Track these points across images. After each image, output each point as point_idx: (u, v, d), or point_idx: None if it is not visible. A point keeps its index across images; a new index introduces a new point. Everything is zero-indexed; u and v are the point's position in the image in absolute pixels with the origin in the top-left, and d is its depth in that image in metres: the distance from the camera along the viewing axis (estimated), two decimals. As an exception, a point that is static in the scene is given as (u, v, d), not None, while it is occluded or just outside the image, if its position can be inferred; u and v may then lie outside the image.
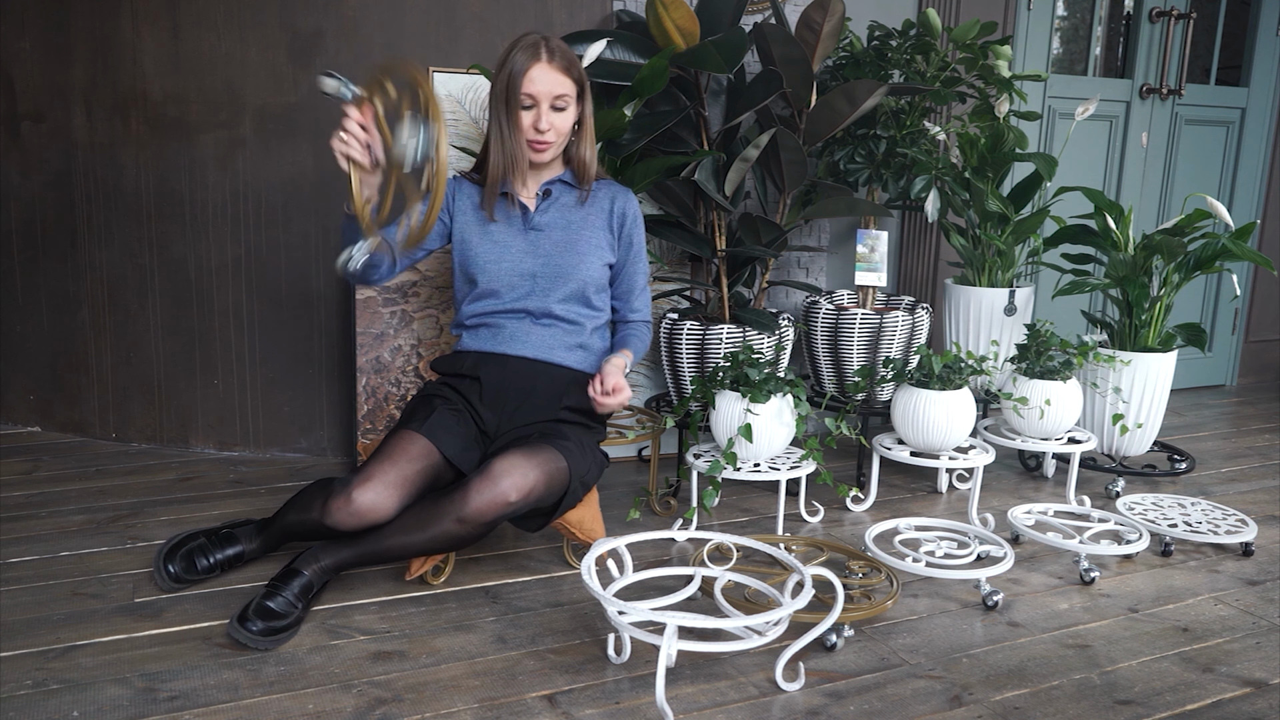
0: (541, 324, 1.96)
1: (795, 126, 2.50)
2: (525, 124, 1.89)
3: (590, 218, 2.00)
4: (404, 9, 2.52)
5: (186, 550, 1.86)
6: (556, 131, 1.90)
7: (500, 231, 1.96)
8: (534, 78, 1.85)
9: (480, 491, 1.70)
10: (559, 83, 1.87)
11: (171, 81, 2.54)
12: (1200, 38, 3.65)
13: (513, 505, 1.71)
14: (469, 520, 1.70)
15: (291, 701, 1.48)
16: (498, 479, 1.70)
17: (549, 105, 1.87)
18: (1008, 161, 2.64)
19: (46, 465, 2.58)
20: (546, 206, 1.98)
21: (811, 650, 1.67)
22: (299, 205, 2.58)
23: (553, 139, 1.90)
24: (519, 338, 1.95)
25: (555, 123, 1.89)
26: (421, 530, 1.73)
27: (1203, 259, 2.59)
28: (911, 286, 3.19)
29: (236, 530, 1.93)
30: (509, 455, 1.74)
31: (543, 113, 1.87)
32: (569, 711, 1.47)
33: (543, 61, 1.85)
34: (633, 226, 2.04)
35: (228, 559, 1.89)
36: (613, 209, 2.02)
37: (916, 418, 2.27)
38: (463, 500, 1.70)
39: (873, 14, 2.93)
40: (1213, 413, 3.52)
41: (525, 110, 1.88)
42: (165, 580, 1.83)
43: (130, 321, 2.70)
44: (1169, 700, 1.55)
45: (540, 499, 1.76)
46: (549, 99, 1.87)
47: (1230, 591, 1.98)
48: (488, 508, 1.70)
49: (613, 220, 2.02)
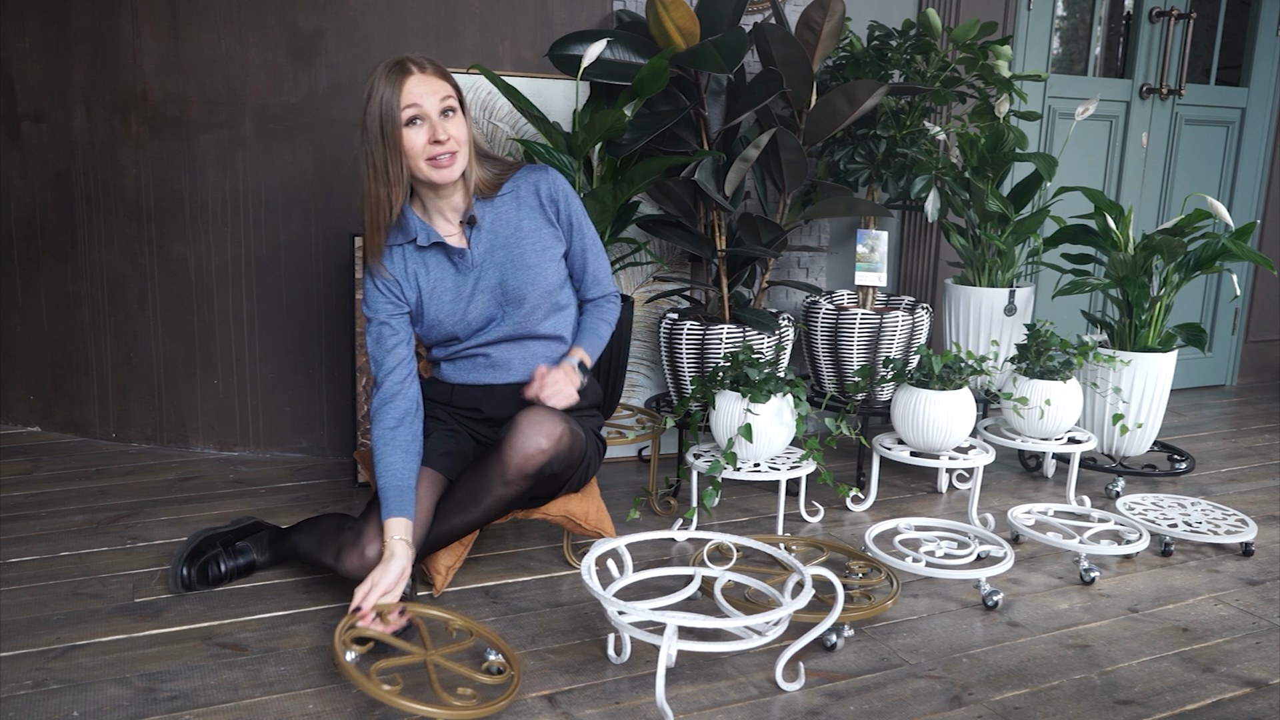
0: (521, 345, 1.88)
1: (795, 126, 2.50)
2: (417, 142, 1.67)
3: (524, 221, 1.83)
4: (404, 9, 2.52)
5: (204, 559, 1.86)
6: (456, 140, 1.70)
7: (444, 285, 1.81)
8: (411, 90, 1.65)
9: (514, 448, 1.71)
10: (439, 86, 1.68)
11: (171, 81, 2.54)
12: (1200, 38, 3.65)
13: (547, 452, 1.72)
14: (513, 480, 1.72)
15: (291, 701, 1.48)
16: (525, 431, 1.71)
17: (438, 113, 1.68)
18: (1008, 161, 2.64)
19: (46, 465, 2.58)
20: (477, 238, 1.81)
21: (811, 650, 1.67)
22: (299, 205, 2.58)
23: (454, 147, 1.70)
24: (501, 365, 1.88)
25: (452, 130, 1.69)
26: (475, 504, 1.75)
27: (1203, 259, 2.59)
28: (911, 286, 3.19)
29: (251, 540, 1.92)
30: (530, 411, 1.74)
31: (435, 123, 1.67)
32: (569, 711, 1.47)
33: (414, 74, 1.67)
34: (566, 204, 1.86)
35: (239, 568, 1.89)
36: (540, 197, 1.84)
37: (916, 418, 2.27)
38: (499, 463, 1.72)
39: (873, 14, 2.93)
40: (1213, 413, 3.52)
41: (410, 127, 1.67)
42: (177, 584, 1.83)
43: (130, 321, 2.70)
44: (1169, 700, 1.55)
45: (568, 452, 1.75)
46: (436, 107, 1.67)
47: (1230, 591, 1.98)
48: (526, 461, 1.71)
49: (546, 210, 1.85)
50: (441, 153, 1.68)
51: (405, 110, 1.66)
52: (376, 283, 1.79)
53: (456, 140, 1.70)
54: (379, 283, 1.79)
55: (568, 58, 2.33)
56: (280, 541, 1.91)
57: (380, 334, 1.80)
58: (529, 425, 1.72)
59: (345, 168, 2.57)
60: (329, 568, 1.75)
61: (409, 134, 1.67)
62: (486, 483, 1.74)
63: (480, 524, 1.80)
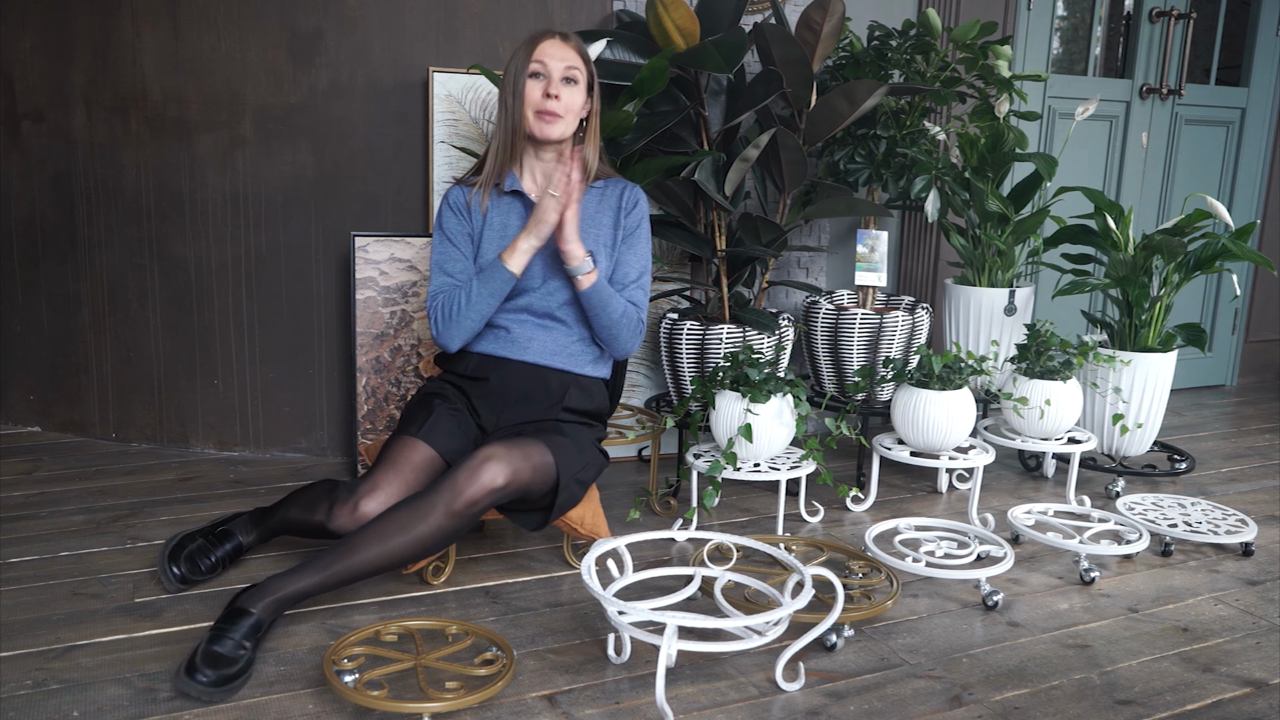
0: (543, 326, 1.94)
1: (795, 126, 2.50)
2: (534, 94, 1.83)
3: (599, 214, 1.96)
4: (404, 9, 2.52)
5: (189, 553, 1.86)
6: (566, 106, 1.84)
7: (507, 231, 1.93)
8: (545, 49, 1.83)
9: (469, 480, 1.68)
10: (570, 56, 1.85)
11: (171, 81, 2.54)
12: (1200, 38, 3.65)
13: (500, 490, 1.69)
14: (461, 513, 1.67)
15: (291, 701, 1.48)
16: (481, 466, 1.69)
17: (560, 76, 1.83)
18: (1008, 161, 2.64)
19: (46, 465, 2.58)
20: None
21: (811, 650, 1.67)
22: (299, 205, 2.58)
23: (562, 112, 1.84)
24: (521, 343, 1.94)
25: (565, 96, 1.84)
26: (404, 533, 1.64)
27: (1203, 259, 2.59)
28: (911, 286, 3.19)
29: (230, 525, 1.93)
30: (492, 444, 1.74)
31: (553, 81, 1.83)
32: (569, 711, 1.47)
33: (556, 39, 1.85)
34: (639, 216, 1.98)
35: (227, 554, 1.89)
36: (622, 200, 1.97)
37: (916, 418, 2.27)
38: (451, 491, 1.67)
39: (873, 14, 2.93)
40: (1213, 413, 3.52)
41: (533, 79, 1.84)
42: (172, 582, 1.83)
43: (130, 321, 2.70)
44: (1169, 700, 1.55)
45: (527, 486, 1.74)
46: (560, 70, 1.83)
47: (1230, 591, 1.98)
48: (478, 494, 1.68)
49: (620, 214, 1.96)
50: (547, 110, 1.83)
51: (533, 64, 1.83)
52: (469, 200, 1.94)
53: (567, 105, 1.84)
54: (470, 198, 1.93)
55: (568, 58, 2.33)
56: (265, 519, 1.92)
57: (448, 254, 1.93)
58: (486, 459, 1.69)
59: (345, 168, 2.57)
60: (318, 526, 1.75)
61: (530, 84, 1.84)
62: (427, 511, 1.66)
63: (397, 565, 1.67)
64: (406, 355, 2.54)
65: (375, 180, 2.58)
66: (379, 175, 2.58)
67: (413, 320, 2.53)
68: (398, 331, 2.52)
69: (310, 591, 1.60)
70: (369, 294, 2.50)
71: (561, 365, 1.94)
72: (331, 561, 1.61)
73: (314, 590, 1.61)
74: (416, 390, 2.10)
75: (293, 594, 1.59)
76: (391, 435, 1.89)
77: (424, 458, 1.81)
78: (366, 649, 1.54)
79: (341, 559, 1.61)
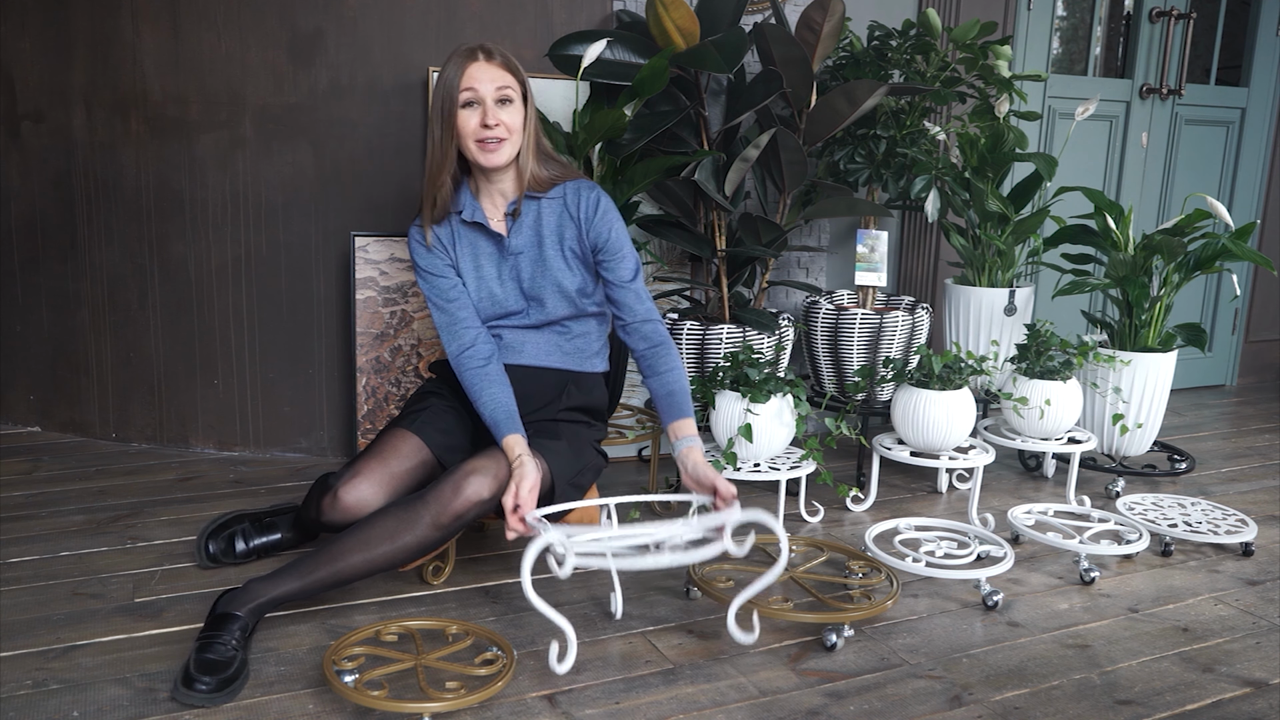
0: (539, 331, 1.93)
1: (795, 126, 2.50)
2: (470, 124, 1.75)
3: (563, 230, 1.87)
4: (404, 9, 2.52)
5: (229, 533, 1.88)
6: (507, 127, 1.76)
7: (480, 263, 1.88)
8: (472, 74, 1.74)
9: (454, 494, 1.67)
10: (500, 75, 1.75)
11: (171, 81, 2.54)
12: (1200, 38, 3.65)
13: (486, 502, 1.69)
14: (447, 525, 1.67)
15: (291, 701, 1.48)
16: (465, 479, 1.68)
17: (493, 100, 1.74)
18: (1008, 161, 2.64)
19: (46, 465, 2.58)
20: (518, 228, 1.87)
21: (811, 650, 1.67)
22: (299, 205, 2.58)
23: (504, 134, 1.76)
24: (515, 347, 1.92)
25: (504, 118, 1.75)
26: (389, 541, 1.64)
27: (1203, 259, 2.59)
28: (911, 286, 3.19)
29: (279, 518, 1.95)
30: (478, 456, 1.73)
31: (488, 108, 1.74)
32: (569, 711, 1.47)
33: (480, 60, 1.75)
34: (604, 221, 1.85)
35: (265, 545, 1.92)
36: (579, 214, 1.86)
37: (916, 418, 2.27)
38: (438, 504, 1.66)
39: (873, 14, 2.93)
40: (1213, 413, 3.52)
41: (466, 109, 1.75)
42: (203, 558, 1.86)
43: (130, 321, 2.70)
44: (1169, 700, 1.55)
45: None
46: (492, 93, 1.74)
47: (1230, 591, 1.98)
48: (463, 508, 1.68)
49: (582, 227, 1.86)
50: (490, 137, 1.75)
51: (463, 92, 1.74)
52: (428, 242, 1.86)
53: (507, 128, 1.76)
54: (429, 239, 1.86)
55: (568, 58, 2.33)
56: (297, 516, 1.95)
57: (440, 287, 1.86)
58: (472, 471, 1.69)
59: (345, 168, 2.57)
60: (313, 522, 1.76)
61: (463, 115, 1.75)
62: (413, 520, 1.66)
63: (381, 569, 1.67)
64: (406, 355, 2.54)
65: (375, 180, 2.58)
66: (379, 175, 2.58)
67: (413, 320, 2.53)
68: (398, 331, 2.52)
69: (292, 596, 1.61)
70: (369, 294, 2.50)
71: (558, 364, 1.94)
72: (314, 567, 1.63)
73: (296, 595, 1.62)
74: (416, 389, 2.11)
75: (274, 599, 1.60)
76: (384, 428, 1.90)
77: (412, 448, 1.81)
78: (367, 649, 1.54)
79: (324, 565, 1.63)
